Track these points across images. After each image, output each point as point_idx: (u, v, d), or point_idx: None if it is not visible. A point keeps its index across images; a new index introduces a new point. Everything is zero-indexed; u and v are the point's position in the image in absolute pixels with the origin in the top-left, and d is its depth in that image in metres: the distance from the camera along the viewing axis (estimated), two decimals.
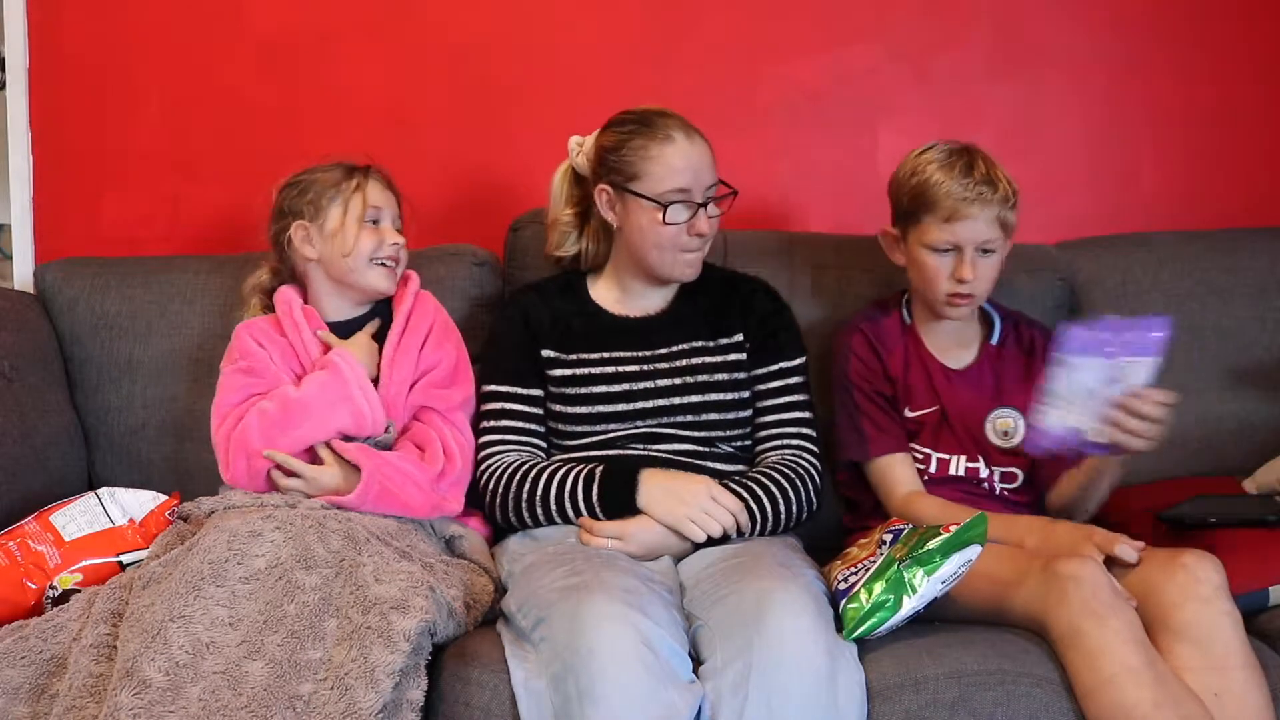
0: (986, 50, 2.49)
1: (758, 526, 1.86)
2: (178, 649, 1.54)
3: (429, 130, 2.48)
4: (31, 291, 2.34)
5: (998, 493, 2.02)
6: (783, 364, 2.01)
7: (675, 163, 1.93)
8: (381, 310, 2.06)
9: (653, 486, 1.83)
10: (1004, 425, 2.02)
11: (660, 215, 1.92)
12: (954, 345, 2.07)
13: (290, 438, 1.89)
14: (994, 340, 2.08)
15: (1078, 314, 2.27)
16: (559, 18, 2.47)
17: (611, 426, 1.95)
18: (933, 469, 2.01)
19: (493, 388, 2.01)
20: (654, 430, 1.94)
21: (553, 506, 1.86)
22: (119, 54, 2.48)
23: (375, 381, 1.96)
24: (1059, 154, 2.50)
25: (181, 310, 2.24)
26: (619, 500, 1.82)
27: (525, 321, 2.02)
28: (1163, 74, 2.50)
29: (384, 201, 2.03)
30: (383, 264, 2.01)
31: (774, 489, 1.88)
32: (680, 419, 1.95)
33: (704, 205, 1.94)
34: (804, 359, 2.04)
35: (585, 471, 1.86)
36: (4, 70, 2.47)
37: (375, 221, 2.01)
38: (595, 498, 1.84)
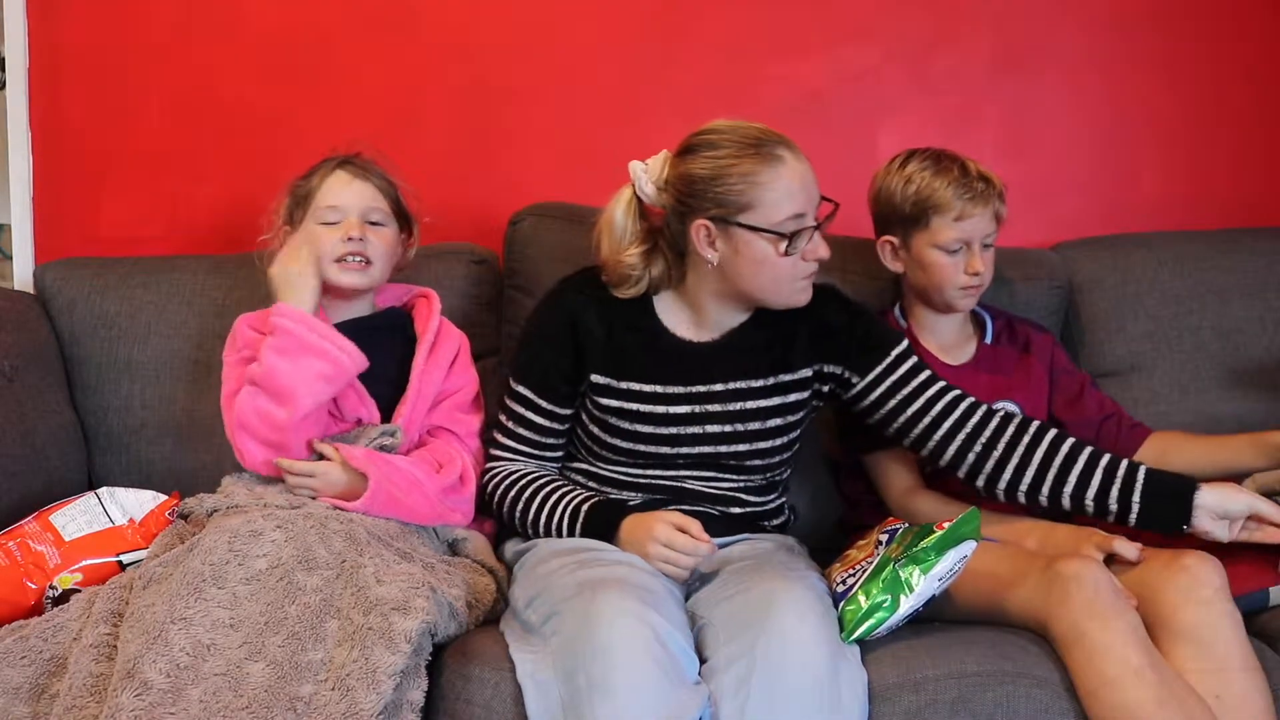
0: (986, 50, 2.49)
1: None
2: (179, 650, 1.53)
3: (428, 129, 2.48)
4: (31, 291, 2.34)
5: None
6: (894, 351, 1.87)
7: (791, 185, 1.75)
8: (400, 319, 2.04)
9: (626, 538, 1.77)
10: None
11: (781, 247, 1.75)
12: (951, 345, 2.11)
13: (284, 410, 1.83)
14: (988, 339, 2.12)
15: (1075, 317, 2.28)
16: (559, 16, 2.47)
17: (652, 465, 1.90)
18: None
19: (522, 390, 1.92)
20: (693, 473, 1.91)
21: (541, 530, 1.86)
22: (119, 54, 2.48)
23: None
24: (1059, 154, 2.50)
25: (181, 310, 2.24)
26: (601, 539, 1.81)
27: (574, 334, 1.88)
28: (1162, 74, 2.50)
29: (346, 198, 1.97)
30: (345, 260, 1.95)
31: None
32: (724, 464, 1.90)
33: (818, 226, 1.79)
34: (906, 341, 1.89)
35: (572, 508, 1.83)
36: (4, 70, 2.47)
37: (335, 222, 1.96)
38: (578, 533, 1.82)
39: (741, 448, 1.88)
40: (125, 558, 1.84)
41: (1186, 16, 2.49)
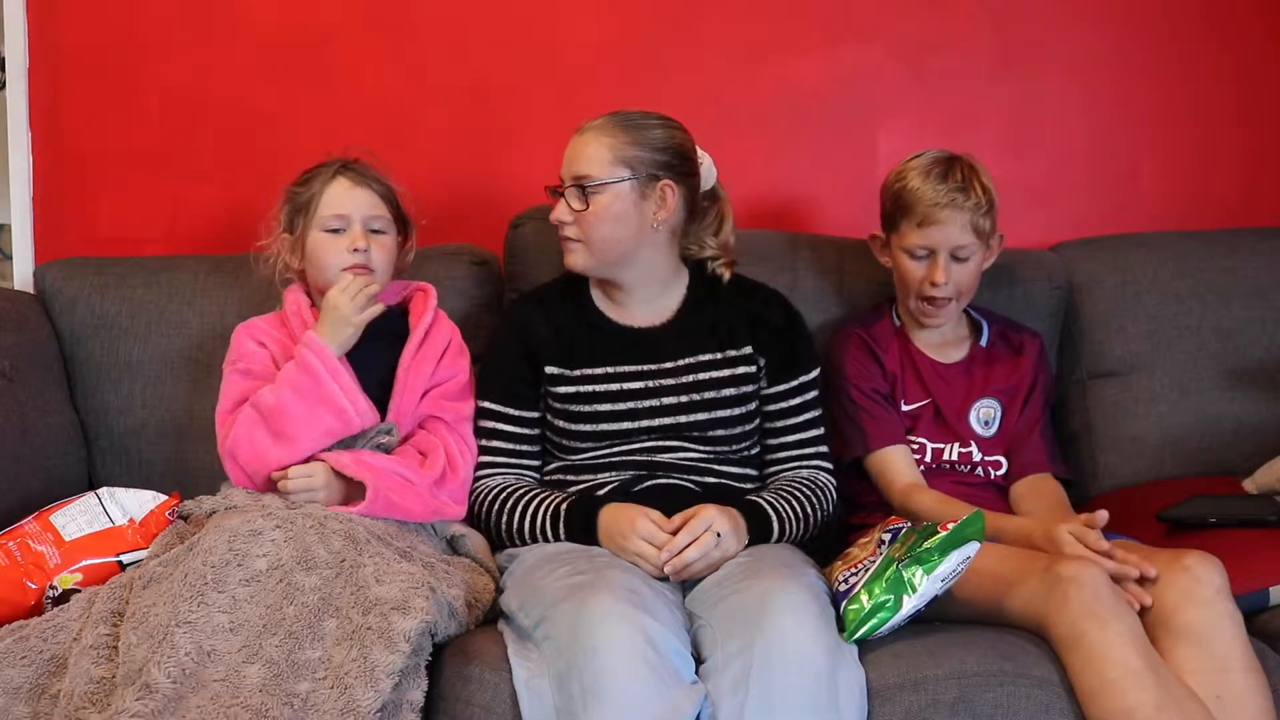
0: (986, 50, 2.49)
1: (787, 538, 1.87)
2: (184, 654, 1.53)
3: (429, 130, 2.48)
4: (31, 291, 2.34)
5: (991, 478, 2.05)
6: (801, 379, 1.99)
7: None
8: (395, 317, 2.04)
9: (601, 531, 1.81)
10: (986, 414, 2.07)
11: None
12: (940, 345, 2.12)
13: (281, 450, 1.86)
14: (983, 343, 2.12)
15: (1075, 317, 2.28)
16: (558, 17, 2.47)
17: (617, 443, 1.94)
18: (928, 458, 2.05)
19: (487, 405, 1.99)
20: (659, 444, 1.94)
21: (527, 536, 1.88)
22: (119, 54, 2.48)
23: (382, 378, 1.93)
24: (1059, 154, 2.50)
25: (181, 310, 2.24)
26: (581, 538, 1.83)
27: (524, 339, 1.98)
28: (1162, 74, 2.50)
29: (350, 205, 1.97)
30: (351, 271, 1.95)
31: (798, 504, 1.89)
32: (687, 434, 1.94)
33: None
34: (819, 370, 2.02)
35: (552, 509, 1.86)
36: (4, 70, 2.47)
37: (339, 230, 1.96)
38: (562, 534, 1.84)
39: (701, 416, 1.93)
40: (125, 558, 1.84)
41: (1186, 16, 2.49)
